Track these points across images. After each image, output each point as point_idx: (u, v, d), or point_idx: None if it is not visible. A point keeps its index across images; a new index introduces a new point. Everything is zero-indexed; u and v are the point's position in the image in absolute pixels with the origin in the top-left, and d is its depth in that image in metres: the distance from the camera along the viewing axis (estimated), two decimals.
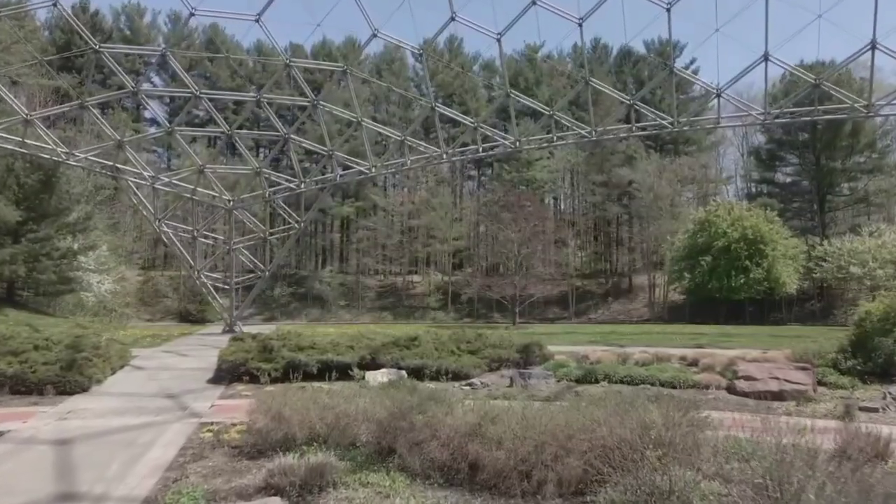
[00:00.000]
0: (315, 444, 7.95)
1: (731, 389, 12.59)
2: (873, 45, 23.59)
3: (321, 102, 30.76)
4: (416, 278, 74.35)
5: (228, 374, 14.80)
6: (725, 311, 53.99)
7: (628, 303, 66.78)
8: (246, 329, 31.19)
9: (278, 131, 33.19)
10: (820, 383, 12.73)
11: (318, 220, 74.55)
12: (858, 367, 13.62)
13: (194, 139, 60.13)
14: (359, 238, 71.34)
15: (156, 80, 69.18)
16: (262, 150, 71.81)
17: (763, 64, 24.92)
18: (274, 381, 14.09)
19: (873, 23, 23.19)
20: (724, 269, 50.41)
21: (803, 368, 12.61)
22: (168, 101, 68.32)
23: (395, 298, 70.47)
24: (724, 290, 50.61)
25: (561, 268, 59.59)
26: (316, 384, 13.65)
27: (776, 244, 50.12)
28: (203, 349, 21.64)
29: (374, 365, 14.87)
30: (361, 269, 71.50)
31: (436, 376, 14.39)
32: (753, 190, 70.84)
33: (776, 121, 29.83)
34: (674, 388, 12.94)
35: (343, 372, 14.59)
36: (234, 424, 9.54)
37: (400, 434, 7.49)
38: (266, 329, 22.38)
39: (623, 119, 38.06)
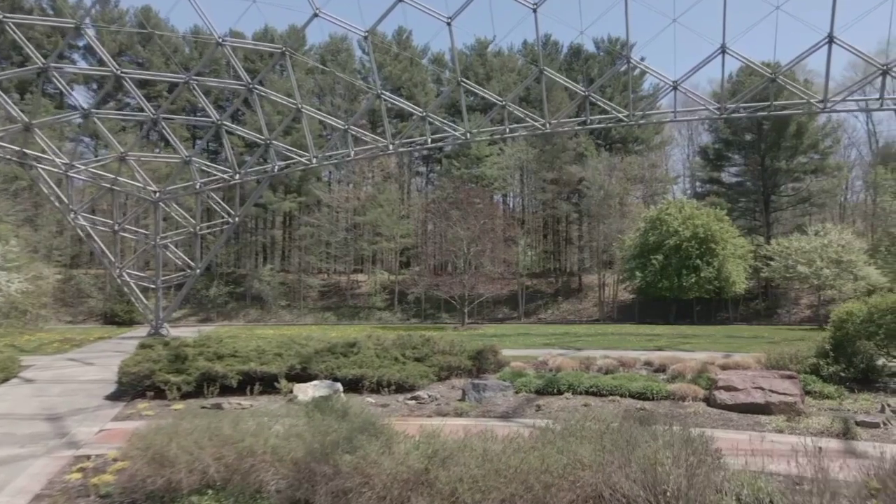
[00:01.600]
0: (209, 492, 6.05)
1: (709, 401, 11.15)
2: (830, 39, 23.01)
3: (257, 87, 28.43)
4: (361, 277, 71.85)
5: (132, 388, 12.54)
6: (674, 311, 53.94)
7: (578, 302, 66.14)
8: (177, 332, 28.59)
9: (211, 118, 30.64)
10: (805, 392, 11.44)
11: (259, 216, 71.26)
12: (841, 374, 12.50)
13: (124, 128, 56.34)
14: (301, 235, 68.24)
15: (82, 63, 64.70)
16: (199, 141, 68.11)
17: (717, 59, 24.18)
18: (185, 396, 11.99)
19: (831, 16, 22.63)
20: (675, 267, 50.19)
21: (789, 377, 11.27)
22: (96, 87, 63.94)
23: (339, 298, 67.86)
24: (674, 290, 50.38)
25: (511, 267, 58.25)
26: (234, 400, 11.65)
27: (726, 243, 50.21)
28: (115, 357, 19.04)
29: (306, 376, 12.89)
30: (304, 267, 68.48)
31: (377, 388, 12.53)
32: (699, 189, 71.33)
33: (731, 115, 29.17)
34: (646, 399, 11.49)
35: (269, 384, 12.61)
36: (115, 459, 7.48)
37: (321, 480, 5.64)
38: (194, 331, 20.04)
39: (574, 114, 37.09)
